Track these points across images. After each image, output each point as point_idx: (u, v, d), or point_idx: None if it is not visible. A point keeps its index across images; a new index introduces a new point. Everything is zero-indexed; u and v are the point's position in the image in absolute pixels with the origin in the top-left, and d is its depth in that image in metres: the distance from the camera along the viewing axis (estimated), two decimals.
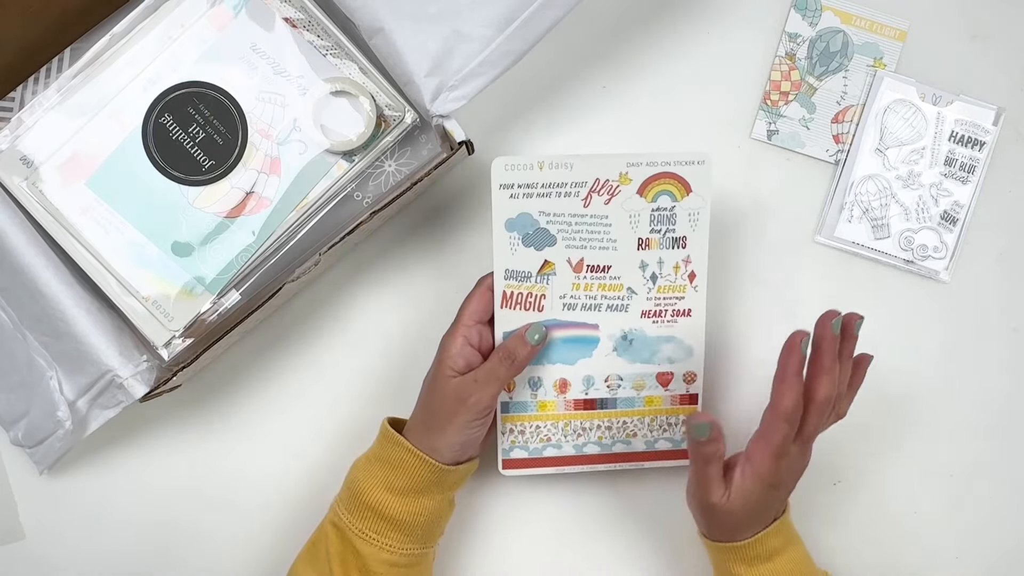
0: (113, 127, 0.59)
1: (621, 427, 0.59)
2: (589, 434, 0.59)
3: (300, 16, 0.59)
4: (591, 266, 0.56)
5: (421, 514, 0.54)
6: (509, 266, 0.56)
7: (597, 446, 0.60)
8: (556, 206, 0.55)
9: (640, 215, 0.56)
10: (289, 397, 0.65)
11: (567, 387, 0.58)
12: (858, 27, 0.66)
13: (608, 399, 0.59)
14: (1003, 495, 0.65)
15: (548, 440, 0.59)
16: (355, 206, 0.60)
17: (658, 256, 0.57)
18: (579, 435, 0.59)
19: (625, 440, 0.60)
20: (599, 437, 0.59)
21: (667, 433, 0.60)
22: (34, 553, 0.64)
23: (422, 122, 0.60)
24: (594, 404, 0.59)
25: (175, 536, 0.64)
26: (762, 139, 0.66)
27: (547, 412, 0.59)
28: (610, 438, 0.59)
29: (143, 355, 0.57)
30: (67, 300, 0.56)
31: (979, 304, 0.65)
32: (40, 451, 0.60)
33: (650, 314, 0.58)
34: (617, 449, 0.60)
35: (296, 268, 0.56)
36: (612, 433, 0.59)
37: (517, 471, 0.60)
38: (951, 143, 0.65)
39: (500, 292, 0.56)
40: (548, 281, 0.56)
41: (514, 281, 0.56)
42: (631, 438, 0.60)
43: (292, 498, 0.64)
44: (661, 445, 0.60)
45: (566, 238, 0.56)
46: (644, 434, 0.60)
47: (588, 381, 0.58)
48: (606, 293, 0.57)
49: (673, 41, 0.67)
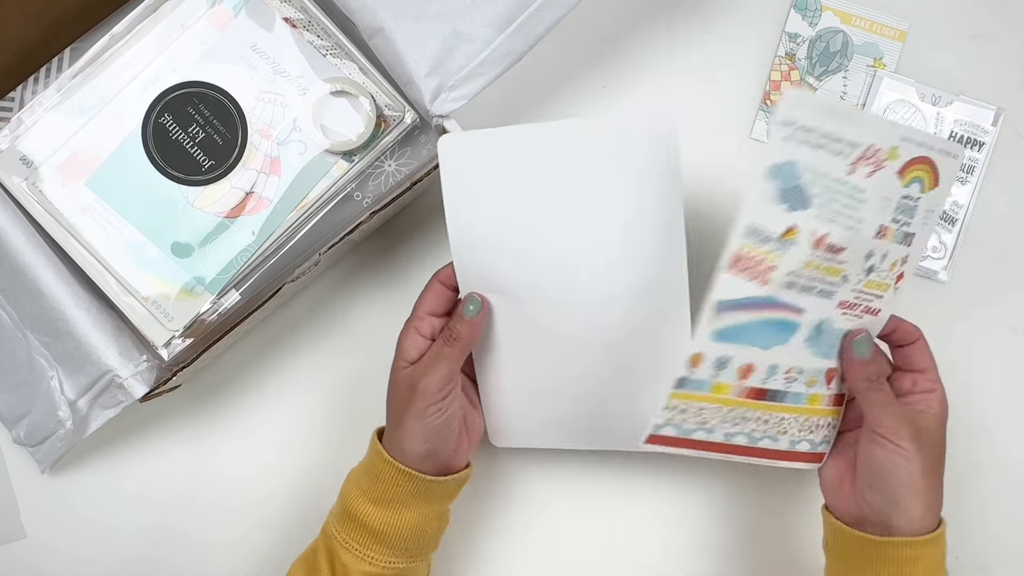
0: (113, 127, 0.59)
1: (778, 423, 0.52)
2: (745, 424, 0.52)
3: (300, 16, 0.59)
4: (830, 245, 0.47)
5: (403, 527, 0.52)
6: (753, 221, 0.45)
7: (746, 438, 0.52)
8: (823, 164, 0.45)
9: (891, 199, 0.48)
10: (289, 397, 0.65)
11: (749, 373, 0.50)
12: (858, 27, 0.66)
13: (780, 392, 0.51)
14: (1003, 495, 0.65)
15: (703, 423, 0.51)
16: (355, 206, 0.61)
17: (886, 249, 0.49)
18: (736, 424, 0.51)
19: (773, 437, 0.53)
20: (752, 430, 0.52)
21: (811, 436, 0.53)
22: (35, 552, 0.64)
23: (422, 122, 0.60)
24: (765, 394, 0.51)
25: (175, 535, 0.64)
26: (762, 139, 0.66)
27: (719, 395, 0.50)
28: (761, 432, 0.52)
29: (143, 355, 0.57)
30: (67, 300, 0.56)
31: (978, 304, 0.65)
32: (41, 450, 0.60)
33: (845, 305, 0.50)
34: (763, 444, 0.53)
35: (296, 268, 0.56)
36: (766, 428, 0.52)
37: (658, 447, 0.52)
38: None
39: (732, 251, 0.45)
40: (784, 251, 0.46)
41: (751, 240, 0.45)
42: (780, 435, 0.53)
43: (292, 498, 0.64)
44: (802, 447, 0.54)
45: (820, 205, 0.45)
46: (792, 433, 0.53)
47: (772, 370, 0.50)
48: (824, 276, 0.48)
49: (673, 41, 0.67)
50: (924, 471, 0.48)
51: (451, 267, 0.54)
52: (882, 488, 0.49)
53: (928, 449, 0.49)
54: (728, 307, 0.47)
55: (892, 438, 0.49)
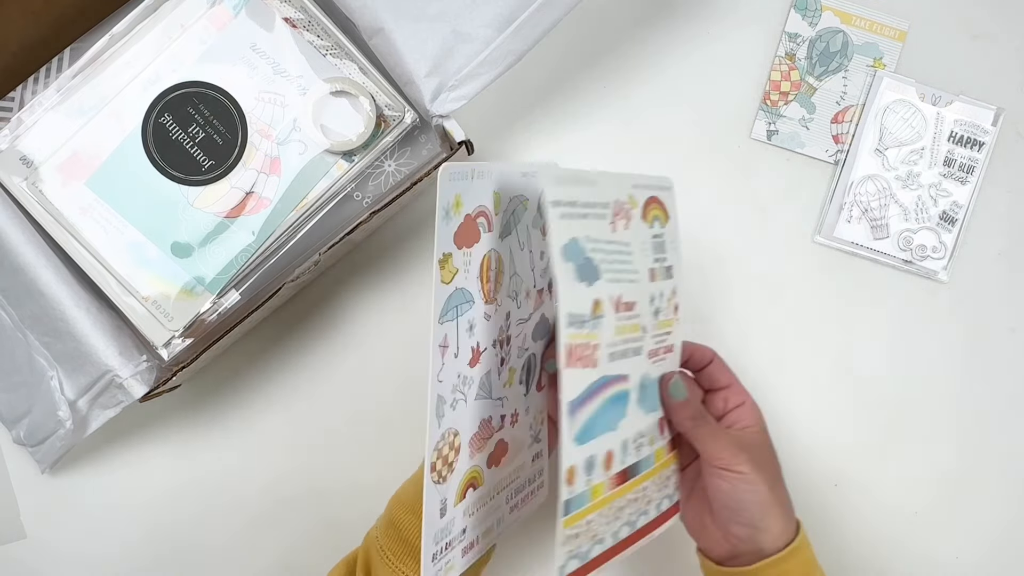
0: (113, 127, 0.59)
1: (643, 494, 0.49)
2: (623, 513, 0.47)
3: (300, 16, 0.59)
4: (626, 303, 0.45)
5: None
6: (571, 309, 0.41)
7: (628, 526, 0.48)
8: (595, 230, 0.43)
9: (647, 243, 0.48)
10: (289, 397, 0.65)
11: (612, 461, 0.45)
12: (858, 27, 0.66)
13: (633, 464, 0.47)
14: (1002, 495, 0.65)
15: (594, 537, 0.45)
16: (355, 206, 0.61)
17: (660, 289, 0.49)
18: (616, 517, 0.47)
19: (644, 510, 0.49)
20: (628, 515, 0.48)
21: (666, 489, 0.51)
22: (35, 552, 0.64)
23: (422, 122, 0.60)
24: (626, 475, 0.47)
25: (175, 535, 0.64)
26: (762, 139, 0.66)
27: (597, 499, 0.45)
28: (636, 512, 0.48)
29: (143, 355, 0.57)
30: (67, 300, 0.56)
31: (977, 304, 0.65)
32: (41, 450, 0.60)
33: (652, 353, 0.48)
34: (640, 523, 0.49)
35: (296, 268, 0.56)
36: (637, 506, 0.48)
37: None
38: (950, 143, 0.65)
39: (565, 347, 0.41)
40: (599, 326, 0.43)
41: (574, 329, 0.42)
42: (647, 506, 0.49)
43: (292, 497, 0.64)
44: (665, 505, 0.51)
45: (606, 270, 0.44)
46: (655, 497, 0.50)
47: (625, 447, 0.46)
48: (631, 335, 0.46)
49: (673, 41, 0.67)
50: (769, 486, 0.48)
51: None
52: (740, 518, 0.49)
53: (763, 463, 0.49)
54: (577, 405, 0.43)
55: (730, 467, 0.48)
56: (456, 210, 0.42)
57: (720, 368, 0.53)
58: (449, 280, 0.42)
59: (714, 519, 0.50)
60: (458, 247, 0.43)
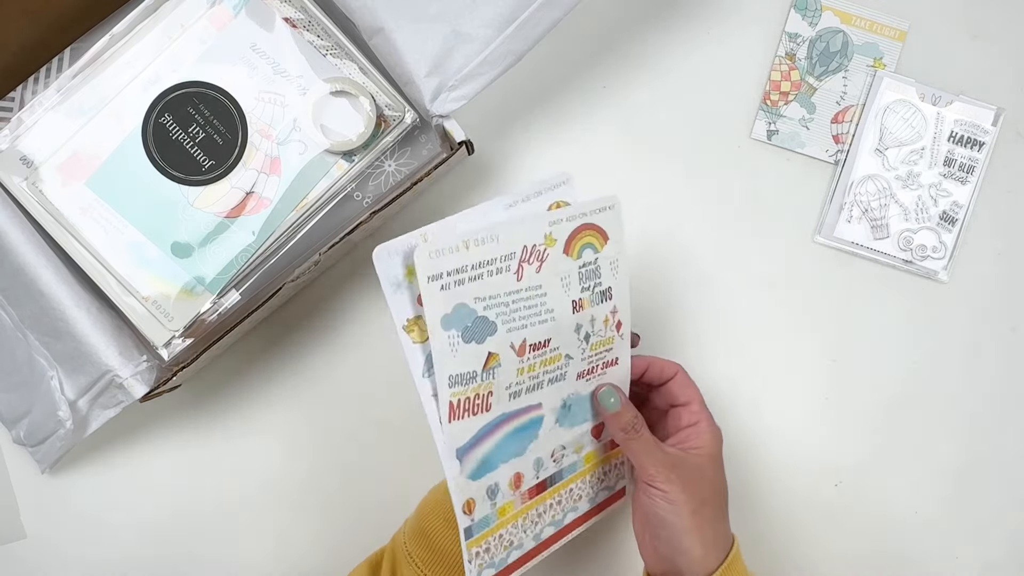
0: (113, 127, 0.59)
1: (568, 496, 0.54)
2: (544, 517, 0.53)
3: (300, 16, 0.59)
4: (533, 344, 0.49)
5: None
6: (453, 371, 0.46)
7: (552, 526, 0.53)
8: (490, 288, 0.47)
9: (570, 276, 0.50)
10: (289, 397, 0.65)
11: (521, 480, 0.51)
12: (858, 27, 0.66)
13: (555, 474, 0.53)
14: (1002, 495, 0.65)
15: (511, 544, 0.51)
16: (355, 206, 0.61)
17: (591, 315, 0.51)
18: (535, 523, 0.52)
19: (573, 508, 0.54)
20: (553, 516, 0.53)
21: (605, 483, 0.56)
22: (35, 552, 0.64)
23: (422, 122, 0.60)
24: (545, 485, 0.53)
25: (174, 536, 0.64)
26: (762, 139, 0.66)
27: (507, 515, 0.51)
28: (561, 512, 0.54)
29: (143, 355, 0.57)
30: (67, 300, 0.56)
31: (978, 304, 0.65)
32: (41, 450, 0.60)
33: (584, 373, 0.52)
34: (568, 520, 0.54)
35: (296, 268, 0.56)
36: (563, 506, 0.54)
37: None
38: (950, 143, 0.65)
39: (447, 404, 0.46)
40: (494, 375, 0.48)
41: (460, 387, 0.47)
42: (577, 503, 0.55)
43: (292, 498, 0.64)
44: (601, 497, 0.56)
45: (506, 321, 0.48)
46: (587, 493, 0.55)
47: (538, 464, 0.52)
48: (547, 368, 0.50)
49: (673, 41, 0.67)
50: (692, 509, 0.48)
51: None
52: (662, 536, 0.49)
53: (694, 486, 0.49)
54: (467, 449, 0.48)
55: (656, 484, 0.49)
56: (410, 278, 0.46)
57: (681, 384, 0.53)
58: (423, 339, 0.46)
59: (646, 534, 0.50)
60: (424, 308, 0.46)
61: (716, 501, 0.51)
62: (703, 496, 0.49)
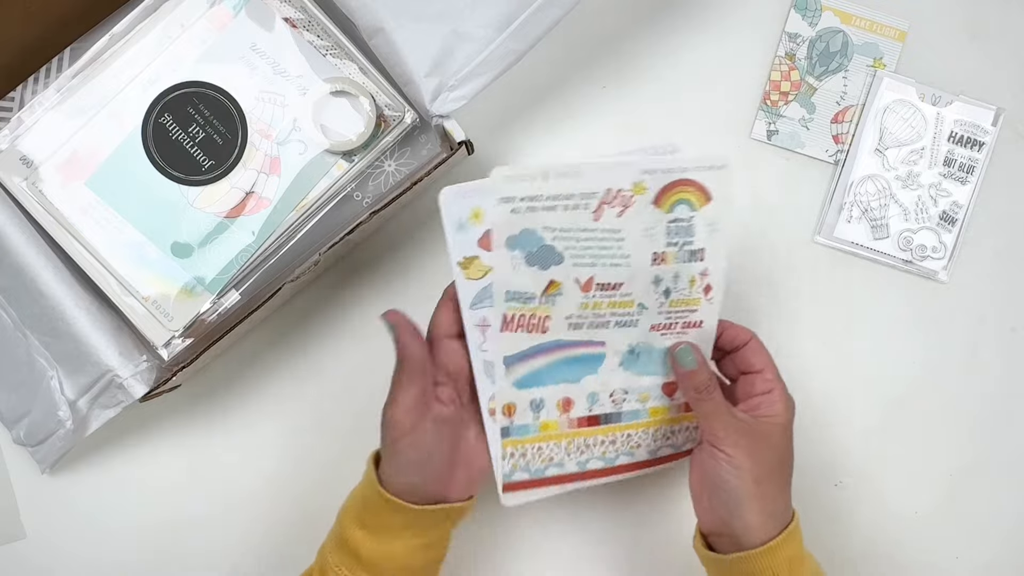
0: (113, 127, 0.59)
1: (625, 440, 0.55)
2: (593, 450, 0.55)
3: (300, 16, 0.59)
4: (601, 284, 0.51)
5: (392, 557, 0.50)
6: (512, 287, 0.50)
7: (601, 461, 0.55)
8: (563, 220, 0.49)
9: (656, 228, 0.51)
10: (289, 397, 0.65)
11: (571, 405, 0.54)
12: (858, 27, 0.66)
13: (612, 414, 0.55)
14: (1002, 495, 0.65)
15: (551, 460, 0.54)
16: (355, 206, 0.61)
17: (674, 271, 0.52)
18: (582, 452, 0.55)
19: (629, 452, 0.56)
20: (603, 452, 0.55)
21: (671, 440, 0.57)
22: (35, 552, 0.64)
23: (422, 122, 0.60)
24: (598, 420, 0.55)
25: (175, 536, 0.64)
26: (762, 139, 0.66)
27: (550, 432, 0.54)
28: (614, 452, 0.55)
29: (143, 355, 0.57)
30: (67, 300, 0.56)
31: (978, 304, 0.65)
32: (41, 450, 0.60)
33: (660, 327, 0.54)
34: (621, 462, 0.56)
35: (296, 268, 0.56)
36: (616, 447, 0.55)
37: (519, 494, 0.54)
38: (950, 143, 0.65)
39: (500, 316, 0.50)
40: (554, 302, 0.51)
41: (516, 303, 0.50)
42: (635, 449, 0.56)
43: (292, 498, 0.64)
44: (663, 452, 0.57)
45: (575, 255, 0.50)
46: (648, 444, 0.56)
47: (593, 398, 0.54)
48: (615, 310, 0.52)
49: (673, 41, 0.67)
50: (756, 479, 0.48)
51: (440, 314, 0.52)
52: (720, 499, 0.49)
53: (763, 455, 0.49)
54: (515, 360, 0.52)
55: (723, 447, 0.48)
56: (472, 220, 0.50)
57: (755, 351, 0.53)
58: (480, 276, 0.50)
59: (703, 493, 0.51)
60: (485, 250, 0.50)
61: (782, 471, 0.51)
62: (770, 466, 0.49)
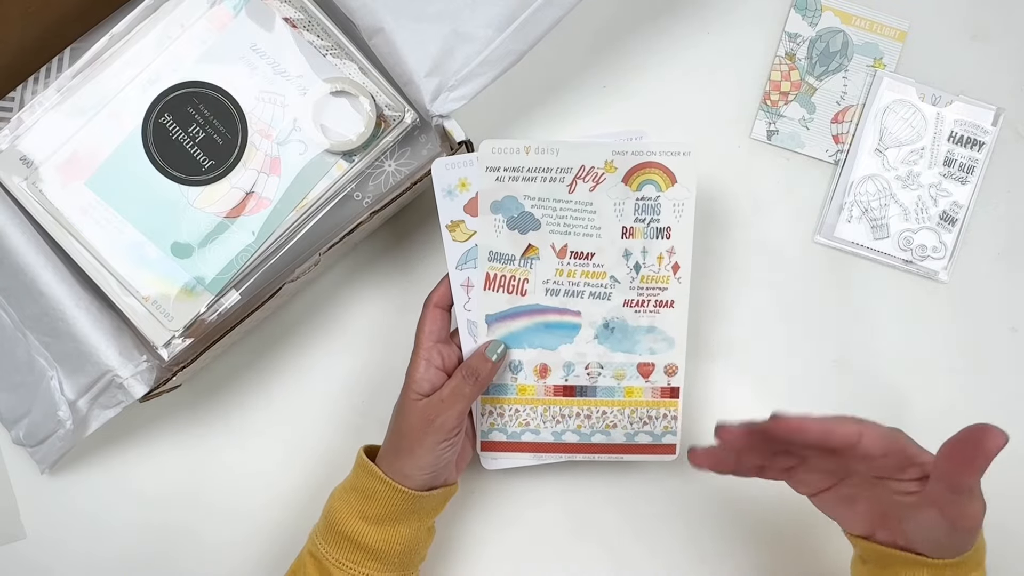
0: (113, 127, 0.59)
1: (600, 416, 0.59)
2: (568, 421, 0.59)
3: (300, 16, 0.59)
4: (575, 252, 0.57)
5: (397, 543, 0.53)
6: (493, 248, 0.56)
7: (576, 435, 0.59)
8: (541, 191, 0.56)
9: (624, 203, 0.56)
10: (289, 397, 0.65)
11: (547, 372, 0.58)
12: (858, 27, 0.66)
13: (588, 387, 0.58)
14: (1002, 495, 0.64)
15: (527, 425, 0.59)
16: (355, 206, 0.61)
17: (642, 245, 0.57)
18: (557, 422, 0.59)
19: (604, 431, 0.59)
20: (578, 426, 0.59)
21: (647, 427, 0.59)
22: (35, 552, 0.64)
23: (422, 122, 0.60)
24: (573, 391, 0.58)
25: (175, 536, 0.64)
26: (762, 139, 0.66)
27: (526, 396, 0.58)
28: (589, 427, 0.59)
29: (143, 355, 0.57)
30: (67, 300, 0.56)
31: (978, 304, 0.65)
32: (41, 450, 0.60)
33: (632, 303, 0.58)
34: (596, 439, 0.59)
35: (296, 268, 0.56)
36: (591, 422, 0.59)
37: (498, 458, 0.59)
38: (950, 143, 0.65)
39: (483, 274, 0.56)
40: (532, 265, 0.57)
41: (498, 263, 0.56)
42: (610, 429, 0.59)
43: (292, 498, 0.64)
44: (641, 439, 0.59)
45: (551, 223, 0.56)
46: (624, 426, 0.59)
47: (568, 367, 0.58)
48: (589, 280, 0.57)
49: (673, 41, 0.67)
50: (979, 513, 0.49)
51: (442, 288, 0.57)
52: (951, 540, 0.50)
53: None
54: (496, 319, 0.57)
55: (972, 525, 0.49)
56: (459, 189, 0.56)
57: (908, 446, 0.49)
58: (465, 239, 0.56)
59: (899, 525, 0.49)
60: (470, 215, 0.56)
61: None
62: None
